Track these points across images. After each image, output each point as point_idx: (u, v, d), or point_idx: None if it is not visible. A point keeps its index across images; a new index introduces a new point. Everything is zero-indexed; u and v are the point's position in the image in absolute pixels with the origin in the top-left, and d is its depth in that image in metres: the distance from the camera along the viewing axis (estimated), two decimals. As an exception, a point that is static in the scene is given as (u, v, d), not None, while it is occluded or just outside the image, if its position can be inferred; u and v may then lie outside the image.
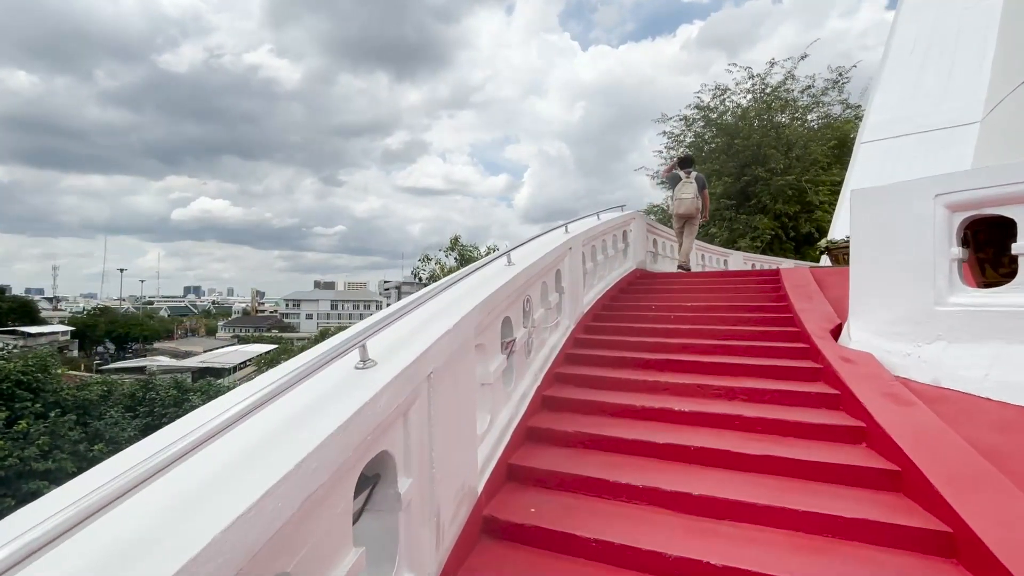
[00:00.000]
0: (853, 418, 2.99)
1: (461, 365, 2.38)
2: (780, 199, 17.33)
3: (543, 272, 4.13)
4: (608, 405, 3.50)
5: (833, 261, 9.92)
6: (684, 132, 19.89)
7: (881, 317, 3.68)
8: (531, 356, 3.75)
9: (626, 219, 7.19)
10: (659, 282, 6.89)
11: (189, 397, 17.85)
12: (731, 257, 13.29)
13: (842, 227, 10.32)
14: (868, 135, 10.49)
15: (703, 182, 7.87)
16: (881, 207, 3.77)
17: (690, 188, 7.68)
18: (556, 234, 4.91)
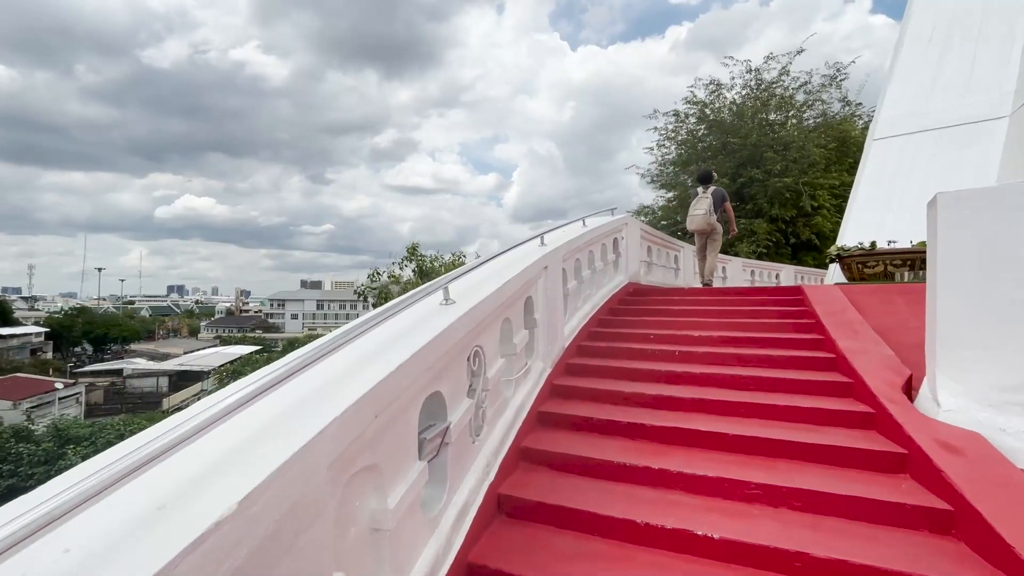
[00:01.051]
0: (999, 571, 1.80)
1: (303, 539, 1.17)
2: (777, 202, 16.31)
3: (505, 307, 2.91)
4: (592, 518, 2.28)
5: (846, 272, 8.83)
6: (677, 128, 18.80)
7: (990, 377, 2.52)
8: (482, 436, 2.53)
9: (617, 225, 6.02)
10: (656, 301, 5.71)
11: (66, 452, 14.42)
12: (729, 264, 12.21)
13: (853, 233, 9.24)
14: (881, 131, 9.43)
15: (722, 196, 7.36)
16: (994, 217, 2.60)
17: (704, 204, 7.23)
18: (527, 248, 3.71)
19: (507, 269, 3.07)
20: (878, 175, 9.33)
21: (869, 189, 9.35)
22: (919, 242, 8.42)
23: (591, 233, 5.09)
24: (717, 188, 7.43)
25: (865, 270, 8.42)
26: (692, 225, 7.42)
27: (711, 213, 7.27)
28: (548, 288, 3.77)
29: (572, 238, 4.57)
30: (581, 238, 4.76)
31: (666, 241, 7.98)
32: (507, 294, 2.88)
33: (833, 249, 8.94)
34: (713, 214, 7.29)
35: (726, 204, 7.43)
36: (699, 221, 7.30)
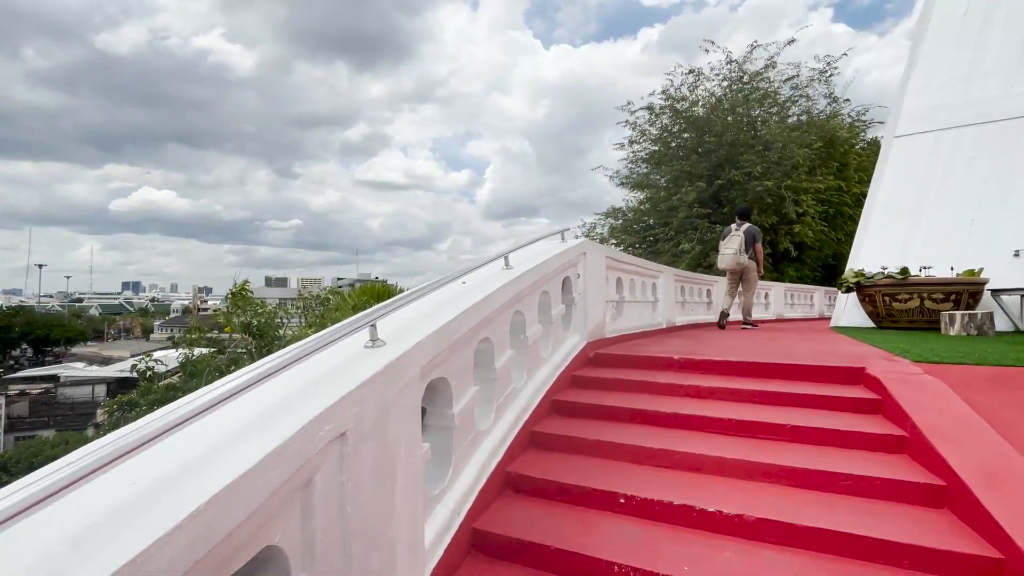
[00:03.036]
0: None
1: None
2: (757, 208, 14.44)
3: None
4: None
5: (867, 306, 6.83)
6: (650, 123, 16.75)
7: None
8: None
9: (570, 258, 3.76)
10: (629, 387, 3.46)
11: None
12: (772, 290, 10.35)
13: (870, 254, 7.28)
14: (904, 127, 7.49)
15: (754, 235, 7.01)
16: None
17: (734, 242, 6.95)
18: (348, 347, 1.50)
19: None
20: (901, 181, 7.38)
21: (890, 198, 7.39)
22: (966, 271, 6.51)
23: (519, 282, 2.83)
24: (751, 226, 7.05)
25: (895, 304, 6.42)
26: (723, 264, 7.11)
27: (741, 252, 6.92)
28: (378, 462, 1.49)
29: (481, 298, 2.34)
30: (500, 294, 2.50)
31: (642, 268, 5.79)
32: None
33: (849, 275, 6.92)
34: (744, 253, 6.93)
35: (757, 245, 7.00)
36: (729, 260, 6.99)
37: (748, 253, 6.97)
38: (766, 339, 5.66)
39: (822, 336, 6.00)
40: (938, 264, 6.49)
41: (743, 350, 4.44)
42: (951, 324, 5.61)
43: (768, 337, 5.83)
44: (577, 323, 4.02)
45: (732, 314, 7.31)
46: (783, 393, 3.06)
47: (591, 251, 4.18)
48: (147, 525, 0.88)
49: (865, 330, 6.53)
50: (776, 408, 2.98)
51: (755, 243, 6.99)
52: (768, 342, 5.28)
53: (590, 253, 4.16)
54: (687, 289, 7.72)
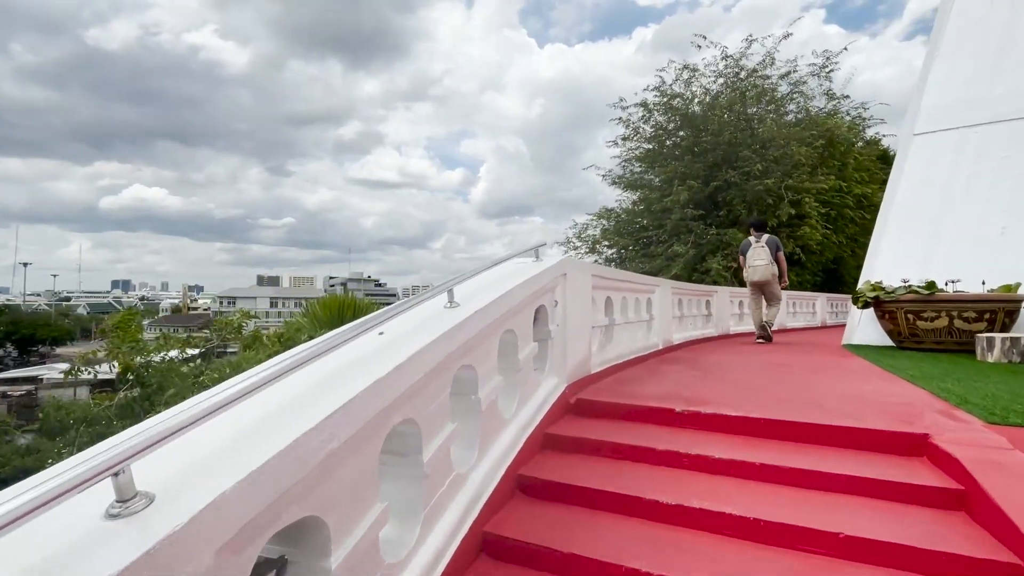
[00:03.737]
0: None
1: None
2: (756, 209, 13.71)
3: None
4: None
5: (887, 323, 6.07)
6: (644, 119, 15.96)
7: None
8: None
9: (546, 282, 2.95)
10: (618, 451, 2.65)
11: None
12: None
13: (887, 264, 6.53)
14: (924, 124, 6.74)
15: (777, 245, 7.10)
16: None
17: (763, 254, 6.96)
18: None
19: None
20: (921, 183, 6.62)
21: (909, 202, 6.64)
22: (1001, 286, 5.76)
23: (468, 328, 2.03)
24: (772, 236, 7.14)
25: (919, 323, 5.65)
26: (755, 277, 7.00)
27: (772, 263, 6.93)
28: None
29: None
30: (408, 369, 1.68)
31: (635, 284, 4.99)
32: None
33: (866, 288, 6.15)
34: (773, 264, 6.94)
35: (779, 254, 7.04)
36: (762, 272, 6.93)
37: (773, 264, 7.01)
38: (779, 365, 4.88)
39: (840, 361, 5.23)
40: (965, 276, 5.74)
41: (756, 387, 3.65)
42: (989, 349, 4.85)
43: (781, 363, 5.05)
44: (555, 362, 3.21)
45: (758, 324, 7.16)
46: (822, 474, 2.26)
47: (573, 271, 3.37)
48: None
49: (885, 351, 5.78)
50: (815, 496, 2.18)
51: (778, 252, 7.04)
52: (782, 371, 4.50)
53: (572, 274, 3.35)
54: (685, 302, 6.94)
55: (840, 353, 5.99)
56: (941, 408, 2.90)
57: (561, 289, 3.23)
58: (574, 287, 3.38)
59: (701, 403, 3.02)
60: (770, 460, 2.37)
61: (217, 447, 1.12)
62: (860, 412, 2.81)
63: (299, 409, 1.30)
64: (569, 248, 17.50)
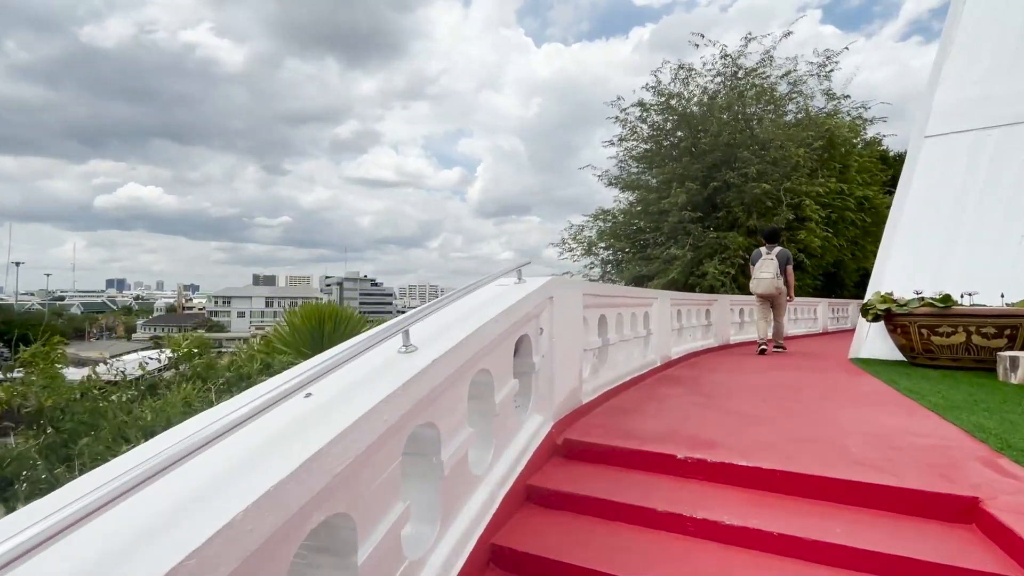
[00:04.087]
0: None
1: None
2: (755, 212, 13.35)
3: None
4: None
5: (899, 337, 5.71)
6: (641, 119, 15.56)
7: None
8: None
9: (522, 313, 2.55)
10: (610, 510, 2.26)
11: None
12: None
13: (897, 274, 6.16)
14: (936, 125, 6.37)
15: (787, 258, 7.01)
16: None
17: (770, 266, 6.88)
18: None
19: None
20: (934, 188, 6.26)
21: (920, 209, 6.27)
22: (1022, 300, 5.39)
23: (430, 377, 1.63)
24: (783, 249, 7.06)
25: (934, 339, 5.28)
26: (759, 289, 6.98)
27: (778, 277, 6.85)
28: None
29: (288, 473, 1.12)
30: (364, 428, 1.28)
31: (631, 298, 4.61)
32: None
33: (876, 300, 5.77)
34: (780, 277, 6.86)
35: (789, 267, 6.96)
36: (767, 285, 6.87)
37: (781, 277, 6.91)
38: (786, 388, 4.50)
39: (852, 381, 4.85)
40: (981, 288, 5.38)
41: (765, 419, 3.27)
42: (1013, 369, 4.48)
43: (788, 385, 4.67)
44: (540, 397, 2.82)
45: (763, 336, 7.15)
46: (854, 551, 1.87)
47: (561, 293, 2.97)
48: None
49: (897, 368, 5.41)
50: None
51: (787, 265, 6.97)
52: (791, 396, 4.12)
53: (560, 295, 2.95)
54: (684, 312, 6.56)
55: (848, 369, 5.62)
56: (982, 455, 2.52)
57: (548, 314, 2.84)
58: (563, 310, 2.99)
59: (706, 447, 2.63)
60: (791, 529, 1.98)
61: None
62: (892, 461, 2.42)
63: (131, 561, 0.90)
64: (564, 250, 17.12)
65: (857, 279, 17.54)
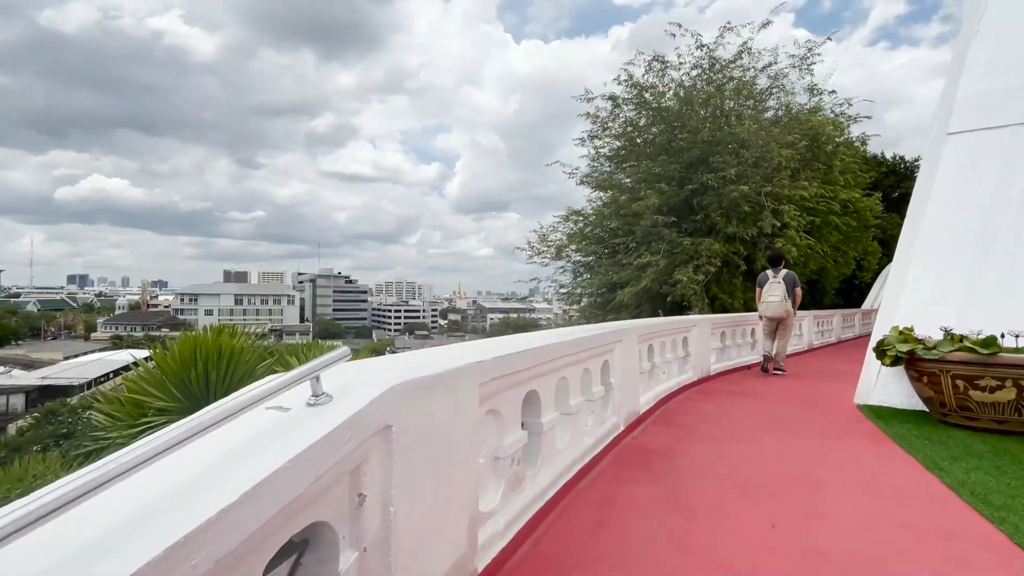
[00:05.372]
0: None
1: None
2: (735, 217, 12.20)
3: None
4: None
5: (925, 387, 4.47)
6: (612, 115, 14.28)
7: None
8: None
9: (297, 502, 1.12)
10: None
11: None
12: (805, 320, 7.81)
13: (916, 300, 4.95)
14: (961, 121, 5.18)
15: (794, 280, 7.19)
16: None
17: (779, 290, 7.03)
18: None
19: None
20: (960, 197, 5.06)
21: (943, 223, 5.07)
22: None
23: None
24: (789, 272, 7.26)
25: (973, 392, 4.05)
26: (768, 312, 7.12)
27: (786, 299, 7.02)
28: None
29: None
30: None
31: (575, 353, 3.24)
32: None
33: (895, 339, 4.52)
34: (788, 299, 7.04)
35: (796, 290, 7.18)
36: (775, 308, 7.03)
37: (788, 299, 7.04)
38: (801, 482, 3.19)
39: (879, 460, 3.57)
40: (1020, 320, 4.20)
41: None
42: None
43: (801, 474, 3.36)
44: None
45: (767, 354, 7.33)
46: None
47: (412, 407, 1.56)
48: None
49: (922, 426, 4.19)
50: None
51: (795, 287, 7.17)
52: (808, 499, 2.81)
53: (406, 419, 1.54)
54: (657, 347, 5.24)
55: (859, 426, 4.39)
56: None
57: (375, 473, 1.42)
58: (417, 446, 1.58)
59: None
60: None
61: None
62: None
63: None
64: (533, 253, 15.76)
65: (839, 285, 16.67)
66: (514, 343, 2.65)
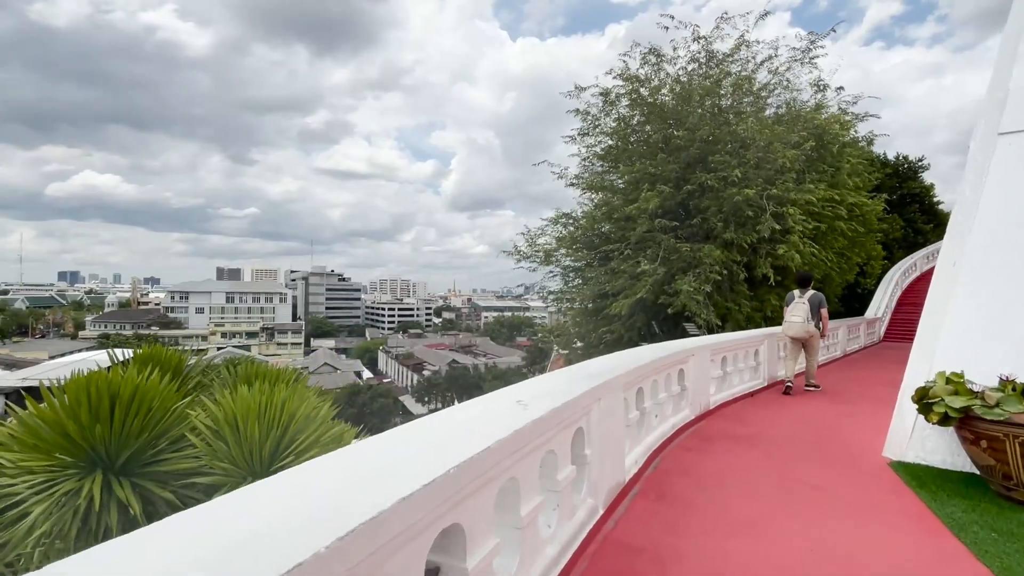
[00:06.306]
0: None
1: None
2: (734, 222, 11.30)
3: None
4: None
5: (983, 452, 3.55)
6: (604, 112, 13.35)
7: None
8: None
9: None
10: None
11: None
12: (840, 329, 6.84)
13: (962, 333, 4.07)
14: (1015, 119, 4.28)
15: (820, 301, 7.17)
16: None
17: (801, 310, 7.07)
18: None
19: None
20: (1014, 206, 4.17)
21: (995, 240, 4.18)
22: None
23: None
24: (816, 293, 7.20)
25: None
26: (790, 332, 7.19)
27: (809, 320, 7.05)
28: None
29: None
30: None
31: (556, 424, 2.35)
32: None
33: (942, 391, 3.57)
34: (811, 321, 7.05)
35: (823, 311, 7.15)
36: (797, 329, 7.10)
37: (814, 320, 7.06)
38: (825, 551, 2.29)
39: (912, 523, 2.67)
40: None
41: None
42: None
43: (827, 550, 2.47)
44: None
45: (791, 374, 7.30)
46: None
47: None
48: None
49: (977, 498, 3.31)
50: None
51: (821, 308, 7.12)
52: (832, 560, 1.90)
53: None
54: (648, 390, 4.34)
55: (898, 498, 3.50)
56: None
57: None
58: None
59: None
60: None
61: None
62: None
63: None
64: (520, 258, 14.81)
65: (841, 293, 15.85)
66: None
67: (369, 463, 1.61)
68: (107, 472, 4.32)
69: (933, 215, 23.93)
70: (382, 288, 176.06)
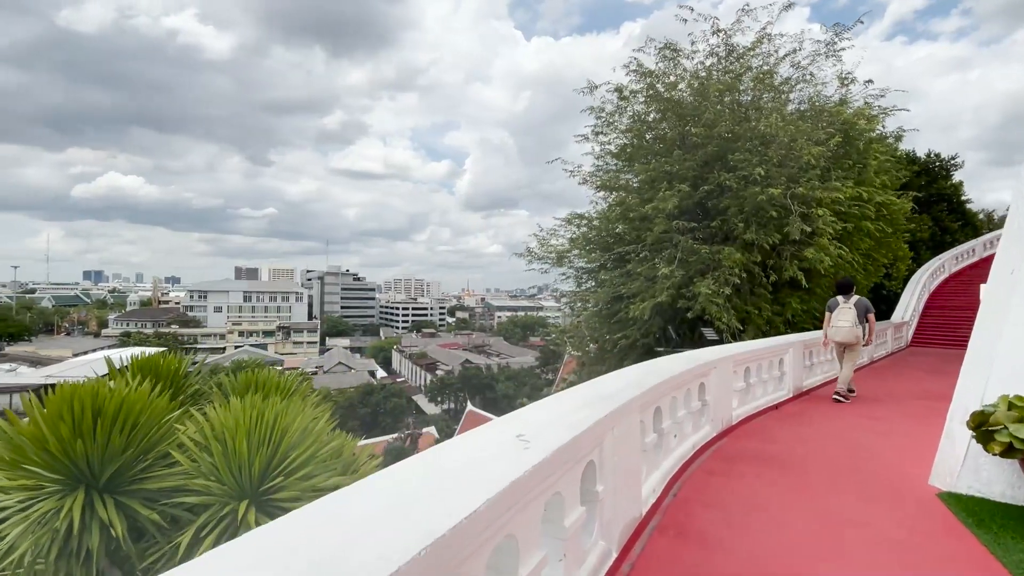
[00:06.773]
0: None
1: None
2: (756, 223, 10.79)
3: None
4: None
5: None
6: (619, 109, 12.91)
7: None
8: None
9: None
10: None
11: None
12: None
13: (1018, 363, 3.60)
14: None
15: (866, 307, 7.19)
16: None
17: (848, 315, 7.06)
18: None
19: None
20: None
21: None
22: None
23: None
24: (861, 299, 7.24)
25: None
26: (837, 337, 7.15)
27: (857, 325, 7.02)
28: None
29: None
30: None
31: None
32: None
33: (1004, 415, 3.18)
34: (859, 326, 7.03)
35: (870, 316, 7.18)
36: (845, 333, 7.06)
37: (861, 325, 7.05)
38: None
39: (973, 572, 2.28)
40: None
41: None
42: None
43: None
44: None
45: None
46: None
47: None
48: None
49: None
50: None
51: (868, 314, 7.15)
52: None
53: None
54: (667, 409, 3.96)
55: (953, 540, 3.08)
56: None
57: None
58: None
59: None
60: None
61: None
62: None
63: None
64: (532, 259, 14.43)
65: (867, 296, 15.19)
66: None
67: (309, 544, 1.26)
68: (90, 490, 4.08)
69: (961, 214, 22.95)
70: (396, 287, 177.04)
